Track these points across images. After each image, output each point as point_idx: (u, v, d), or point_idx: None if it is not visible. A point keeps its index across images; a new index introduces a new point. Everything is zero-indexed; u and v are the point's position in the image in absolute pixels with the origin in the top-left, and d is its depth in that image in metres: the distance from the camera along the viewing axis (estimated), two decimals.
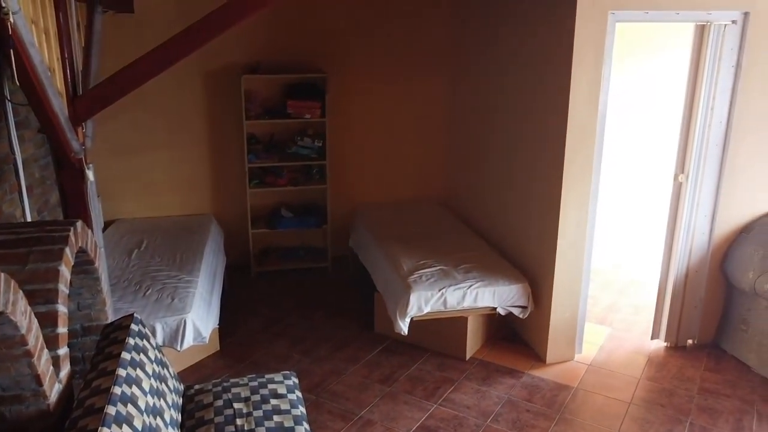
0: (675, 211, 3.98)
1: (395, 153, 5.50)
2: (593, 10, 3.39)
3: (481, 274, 3.95)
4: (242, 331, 4.32)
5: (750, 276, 3.82)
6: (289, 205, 5.34)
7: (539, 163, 3.93)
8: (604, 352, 4.11)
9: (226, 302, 4.49)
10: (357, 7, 5.10)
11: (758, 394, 3.64)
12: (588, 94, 3.54)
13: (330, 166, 5.16)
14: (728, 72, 3.69)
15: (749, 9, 3.58)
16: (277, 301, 4.79)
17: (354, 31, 5.16)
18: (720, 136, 3.80)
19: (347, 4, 5.07)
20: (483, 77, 4.76)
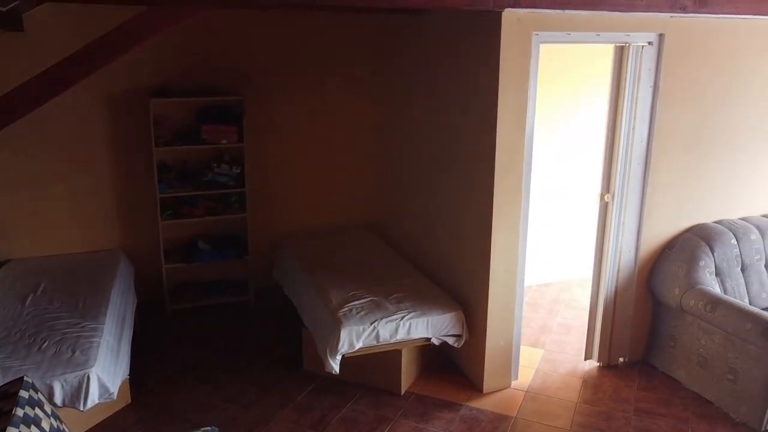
0: (602, 230, 3.99)
1: (321, 178, 5.28)
2: (518, 31, 3.34)
3: (413, 304, 3.79)
4: (157, 378, 3.94)
5: (676, 292, 3.87)
6: (207, 237, 5.00)
7: (469, 186, 3.84)
8: (539, 376, 4.04)
9: (138, 347, 4.10)
10: (275, 28, 4.87)
11: (691, 410, 3.66)
12: (515, 116, 3.48)
13: (250, 193, 4.87)
14: (647, 92, 3.75)
15: (664, 31, 3.65)
16: (196, 342, 4.43)
17: (273, 53, 4.93)
18: (641, 155, 3.85)
19: (264, 25, 4.84)
20: (411, 99, 4.64)
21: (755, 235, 4.04)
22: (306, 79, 5.04)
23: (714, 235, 3.96)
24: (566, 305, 5.12)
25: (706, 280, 3.84)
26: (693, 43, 3.76)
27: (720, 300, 3.65)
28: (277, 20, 4.84)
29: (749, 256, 4.00)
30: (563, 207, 5.46)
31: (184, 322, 4.71)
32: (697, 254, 3.88)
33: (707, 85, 3.88)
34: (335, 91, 5.13)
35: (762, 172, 4.21)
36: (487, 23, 3.40)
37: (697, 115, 3.90)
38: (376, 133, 5.26)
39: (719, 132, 4.00)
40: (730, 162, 4.08)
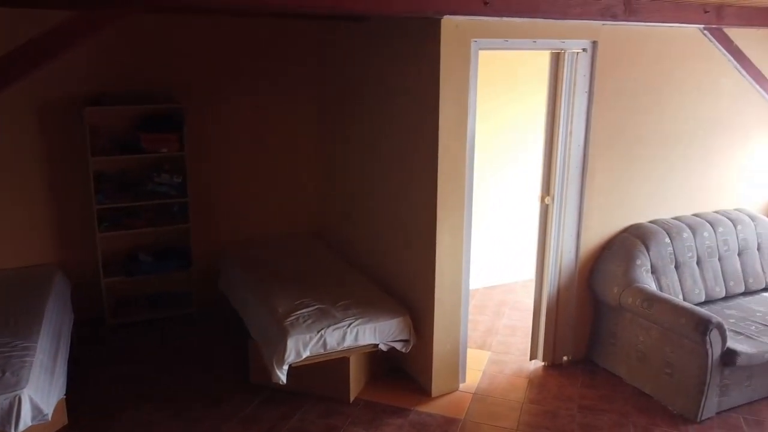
0: (543, 232, 4.07)
1: (265, 186, 5.20)
2: (457, 38, 3.39)
3: (360, 310, 3.78)
4: (97, 397, 3.79)
5: (615, 291, 3.99)
6: (148, 249, 4.86)
7: (413, 192, 3.86)
8: (487, 377, 4.09)
9: (77, 365, 3.94)
10: (215, 34, 4.79)
11: (631, 405, 3.77)
12: (456, 121, 3.53)
13: (193, 203, 4.76)
14: (582, 97, 3.86)
15: (597, 38, 3.78)
16: (138, 357, 4.29)
17: (213, 60, 4.83)
18: (579, 159, 3.96)
19: (203, 32, 4.75)
20: (354, 106, 4.64)
21: (687, 233, 4.21)
22: (247, 85, 4.97)
23: (649, 234, 4.11)
24: (512, 307, 5.21)
25: (642, 278, 3.97)
26: (624, 50, 3.90)
27: (656, 297, 3.79)
28: (217, 26, 4.76)
29: (682, 254, 4.16)
30: (506, 211, 5.57)
31: (126, 338, 4.56)
32: (634, 253, 4.01)
33: (638, 90, 4.03)
34: (277, 98, 5.07)
35: (692, 173, 4.40)
36: (427, 30, 3.44)
37: (630, 119, 4.05)
38: (320, 140, 5.23)
39: (651, 135, 4.15)
40: (662, 164, 4.24)
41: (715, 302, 4.23)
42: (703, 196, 4.49)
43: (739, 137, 4.54)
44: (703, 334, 3.46)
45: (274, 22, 4.89)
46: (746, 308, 4.14)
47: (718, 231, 4.32)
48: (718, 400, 3.62)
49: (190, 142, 4.68)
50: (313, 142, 5.27)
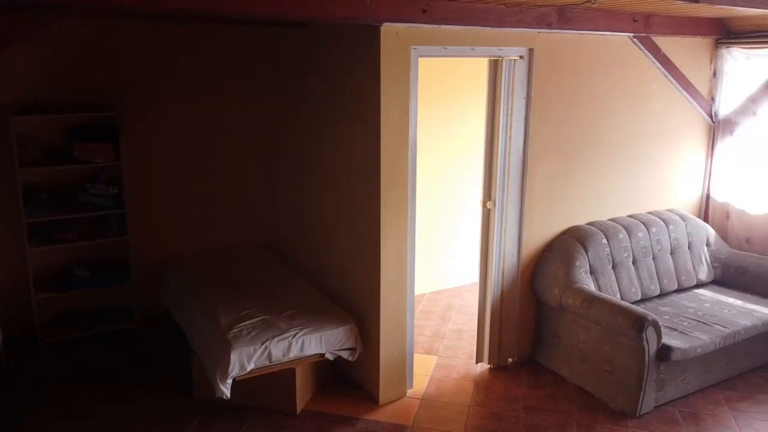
0: (486, 236, 4.13)
1: (209, 196, 5.06)
2: (397, 45, 3.41)
3: (306, 320, 3.74)
4: (29, 421, 3.61)
5: (556, 292, 4.08)
6: (84, 262, 4.66)
7: (357, 199, 3.85)
8: (434, 382, 4.11)
9: (7, 387, 3.74)
10: (156, 42, 4.65)
11: (574, 403, 3.86)
12: (398, 128, 3.54)
13: (132, 214, 4.60)
14: (521, 103, 3.95)
15: (533, 46, 3.87)
16: (75, 376, 4.11)
17: (153, 66, 4.69)
18: (519, 164, 4.04)
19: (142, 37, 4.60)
20: (300, 114, 4.59)
21: (623, 234, 4.36)
22: (191, 94, 4.84)
23: (587, 236, 4.23)
24: (458, 311, 5.26)
25: (582, 278, 4.08)
26: (559, 57, 4.01)
27: (595, 297, 3.89)
28: (159, 33, 4.63)
29: (619, 254, 4.30)
30: (451, 215, 5.62)
31: (61, 356, 4.36)
32: (573, 255, 4.12)
33: (573, 95, 4.15)
34: (222, 106, 4.96)
35: (626, 176, 4.55)
36: (367, 37, 3.45)
37: (566, 124, 4.16)
38: (267, 148, 5.14)
39: (586, 139, 4.28)
40: (598, 167, 4.38)
41: (650, 300, 4.38)
42: (637, 198, 4.66)
43: (669, 141, 4.73)
44: (640, 332, 3.57)
45: (217, 30, 4.79)
46: (679, 305, 4.31)
47: (652, 231, 4.48)
48: (656, 394, 3.75)
49: (130, 151, 4.53)
50: (259, 151, 5.17)
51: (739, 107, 4.76)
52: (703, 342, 3.78)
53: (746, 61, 4.66)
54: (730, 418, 3.71)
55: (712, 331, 3.89)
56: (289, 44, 4.59)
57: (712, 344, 3.82)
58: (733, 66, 4.74)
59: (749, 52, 4.63)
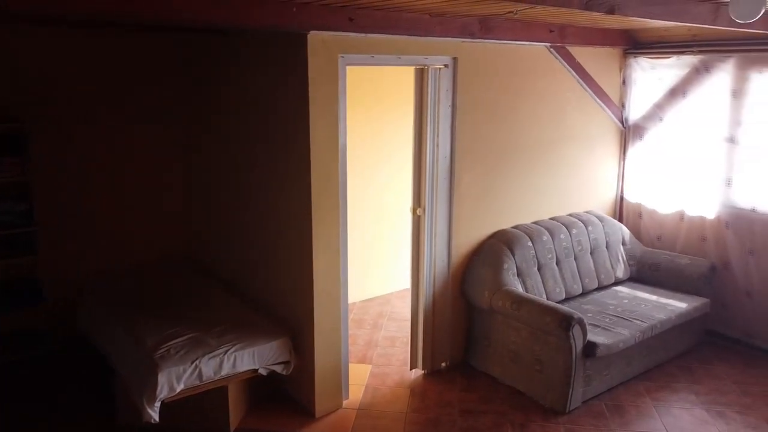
0: (417, 242, 4.17)
1: (131, 210, 4.80)
2: (324, 53, 3.39)
3: (237, 336, 3.62)
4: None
5: (486, 295, 4.16)
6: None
7: (287, 209, 3.78)
8: (369, 392, 4.08)
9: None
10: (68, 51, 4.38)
11: (508, 404, 3.94)
12: (327, 136, 3.51)
13: (44, 232, 4.31)
14: (447, 111, 4.01)
15: (457, 55, 3.95)
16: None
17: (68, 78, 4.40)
18: (446, 170, 4.10)
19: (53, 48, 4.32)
20: (224, 125, 4.44)
21: (546, 236, 4.51)
22: (108, 104, 4.59)
23: (513, 239, 4.34)
24: (389, 318, 5.27)
25: (510, 281, 4.18)
26: (482, 66, 4.11)
27: (523, 298, 4.00)
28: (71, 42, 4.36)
29: (543, 256, 4.45)
30: (378, 222, 5.63)
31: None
32: (501, 258, 4.22)
33: (496, 103, 4.27)
34: (137, 115, 4.74)
35: (546, 180, 4.72)
36: (294, 45, 3.40)
37: (490, 130, 4.27)
38: (187, 160, 4.96)
39: (509, 145, 4.41)
40: (520, 172, 4.52)
41: (573, 299, 4.55)
42: (557, 201, 4.84)
43: (585, 146, 4.95)
44: (567, 330, 3.70)
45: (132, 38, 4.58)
46: (600, 302, 4.50)
47: (573, 233, 4.67)
48: (583, 390, 3.89)
49: (40, 166, 4.25)
50: (181, 163, 4.98)
51: (647, 113, 5.05)
52: (625, 337, 3.97)
53: (652, 70, 4.96)
54: (651, 408, 3.90)
55: (632, 326, 4.09)
56: (210, 51, 4.46)
57: (633, 339, 4.01)
58: (640, 74, 5.03)
59: (654, 61, 4.93)
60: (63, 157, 4.50)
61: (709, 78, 4.63)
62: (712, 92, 4.64)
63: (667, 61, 4.85)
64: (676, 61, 4.79)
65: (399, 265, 5.71)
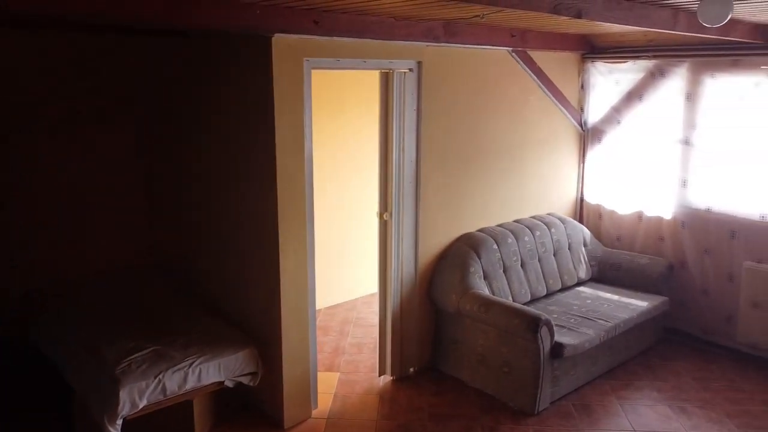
0: (384, 247, 4.13)
1: (85, 216, 4.56)
2: (289, 57, 3.33)
3: (202, 347, 3.51)
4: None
5: (453, 298, 4.16)
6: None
7: (253, 216, 3.69)
8: (338, 400, 4.03)
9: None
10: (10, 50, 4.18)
11: (477, 407, 3.94)
12: (293, 141, 3.45)
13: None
14: (412, 115, 4.00)
15: (422, 59, 3.94)
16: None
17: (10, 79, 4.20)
18: (412, 175, 4.09)
19: None
20: (187, 130, 4.28)
21: (511, 239, 4.55)
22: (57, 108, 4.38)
23: (479, 242, 4.36)
24: (355, 324, 5.22)
25: (477, 284, 4.19)
26: (446, 70, 4.12)
27: (491, 301, 4.02)
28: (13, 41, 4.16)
29: (508, 258, 4.48)
30: (345, 229, 5.58)
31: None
32: (468, 261, 4.23)
33: (460, 106, 4.28)
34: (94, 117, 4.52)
35: (511, 183, 4.77)
36: (258, 48, 3.33)
37: (455, 134, 4.28)
38: (150, 166, 4.75)
39: (474, 149, 4.43)
40: (485, 175, 4.54)
41: (539, 300, 4.60)
42: (521, 203, 4.89)
43: (546, 149, 5.02)
44: (535, 332, 3.73)
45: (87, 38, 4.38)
46: (564, 303, 4.56)
47: (536, 235, 4.72)
48: (551, 391, 3.93)
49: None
50: (142, 169, 4.77)
51: (605, 116, 5.16)
52: (590, 337, 4.02)
53: (609, 74, 5.07)
54: (617, 406, 3.97)
55: (596, 325, 4.15)
56: (173, 54, 4.32)
57: (597, 338, 4.07)
58: (598, 79, 5.14)
59: (611, 66, 5.04)
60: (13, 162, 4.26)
61: (665, 82, 4.76)
62: (667, 96, 4.77)
63: (624, 65, 4.96)
64: (633, 65, 4.91)
65: (364, 271, 5.67)
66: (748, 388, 4.17)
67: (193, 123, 4.18)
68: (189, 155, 4.29)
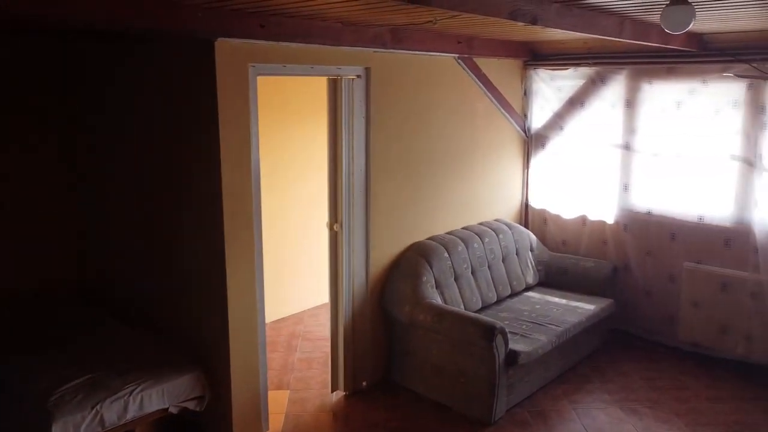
0: (335, 259, 4.01)
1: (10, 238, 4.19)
2: (233, 62, 3.16)
3: (143, 373, 3.27)
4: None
5: (407, 309, 4.07)
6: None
7: (197, 231, 3.49)
8: (290, 420, 3.86)
9: None
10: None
11: (434, 419, 3.87)
12: (239, 151, 3.28)
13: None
14: (361, 122, 3.90)
15: (369, 65, 3.85)
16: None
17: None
18: (362, 184, 3.99)
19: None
20: (120, 141, 4.01)
21: (461, 246, 4.51)
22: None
23: (430, 251, 4.30)
24: (303, 338, 5.05)
25: (429, 293, 4.12)
26: (394, 76, 4.05)
27: (445, 311, 3.96)
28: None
29: (459, 266, 4.44)
30: (288, 240, 5.40)
31: None
32: (419, 271, 4.16)
33: (408, 113, 4.21)
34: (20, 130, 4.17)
35: (458, 189, 4.73)
36: (200, 53, 3.15)
37: (403, 142, 4.21)
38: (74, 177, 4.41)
39: (421, 156, 4.37)
40: (433, 182, 4.49)
41: (489, 307, 4.58)
42: (469, 210, 4.87)
43: (492, 155, 5.03)
44: (490, 341, 3.69)
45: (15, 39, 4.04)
46: (515, 309, 4.56)
47: (485, 241, 4.71)
48: (507, 399, 3.90)
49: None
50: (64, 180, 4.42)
51: (548, 123, 5.23)
52: (543, 343, 4.02)
53: (551, 81, 5.14)
54: (570, 411, 3.98)
55: (548, 331, 4.16)
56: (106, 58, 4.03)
57: (550, 344, 4.08)
58: (540, 85, 5.20)
59: (553, 72, 5.11)
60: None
61: (605, 89, 4.87)
62: (608, 102, 4.88)
63: (565, 72, 5.04)
64: (574, 72, 5.00)
65: (310, 282, 5.52)
66: (693, 386, 4.28)
67: (129, 133, 3.92)
68: (125, 167, 4.02)
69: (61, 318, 4.02)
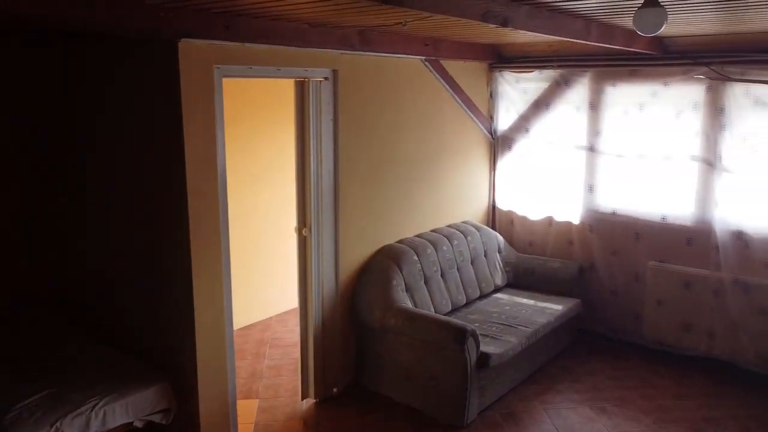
0: (304, 264, 3.94)
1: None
2: (198, 64, 3.07)
3: (106, 386, 3.14)
4: None
5: (377, 314, 4.03)
6: None
7: (161, 238, 3.37)
8: (260, 429, 3.78)
9: None
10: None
11: (404, 423, 3.83)
12: (204, 155, 3.19)
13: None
14: (329, 125, 3.85)
15: (337, 67, 3.80)
16: None
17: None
18: (331, 187, 3.93)
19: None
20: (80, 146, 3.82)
21: (430, 249, 4.49)
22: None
23: (400, 254, 4.27)
24: (271, 345, 4.96)
25: (400, 297, 4.09)
26: (361, 79, 4.01)
27: (416, 315, 3.93)
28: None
29: (429, 269, 4.42)
30: (255, 245, 5.30)
31: None
32: (390, 275, 4.12)
33: (376, 116, 4.18)
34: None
35: (426, 192, 4.72)
36: (163, 54, 3.05)
37: (371, 144, 4.17)
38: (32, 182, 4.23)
39: (390, 159, 4.34)
40: (402, 185, 4.47)
41: (459, 310, 4.58)
42: (437, 213, 4.86)
43: (460, 157, 5.03)
44: (462, 344, 3.68)
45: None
46: (484, 311, 4.57)
47: (454, 244, 4.70)
48: (478, 401, 3.89)
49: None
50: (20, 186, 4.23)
51: (514, 125, 5.26)
52: (513, 344, 4.03)
53: (516, 84, 5.17)
54: (541, 412, 4.00)
55: (518, 332, 4.18)
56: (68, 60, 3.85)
57: (520, 345, 4.09)
58: (506, 88, 5.23)
59: (518, 75, 5.15)
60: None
61: (569, 91, 4.92)
62: (572, 104, 4.93)
63: (530, 75, 5.08)
64: (539, 75, 5.04)
65: (278, 287, 5.43)
66: (659, 384, 4.36)
67: (90, 137, 3.77)
68: (85, 172, 3.87)
69: (17, 329, 3.84)
